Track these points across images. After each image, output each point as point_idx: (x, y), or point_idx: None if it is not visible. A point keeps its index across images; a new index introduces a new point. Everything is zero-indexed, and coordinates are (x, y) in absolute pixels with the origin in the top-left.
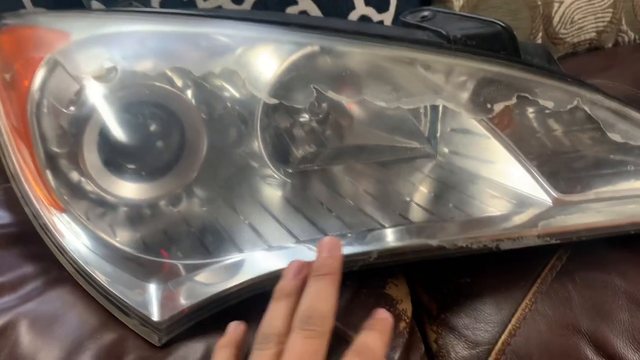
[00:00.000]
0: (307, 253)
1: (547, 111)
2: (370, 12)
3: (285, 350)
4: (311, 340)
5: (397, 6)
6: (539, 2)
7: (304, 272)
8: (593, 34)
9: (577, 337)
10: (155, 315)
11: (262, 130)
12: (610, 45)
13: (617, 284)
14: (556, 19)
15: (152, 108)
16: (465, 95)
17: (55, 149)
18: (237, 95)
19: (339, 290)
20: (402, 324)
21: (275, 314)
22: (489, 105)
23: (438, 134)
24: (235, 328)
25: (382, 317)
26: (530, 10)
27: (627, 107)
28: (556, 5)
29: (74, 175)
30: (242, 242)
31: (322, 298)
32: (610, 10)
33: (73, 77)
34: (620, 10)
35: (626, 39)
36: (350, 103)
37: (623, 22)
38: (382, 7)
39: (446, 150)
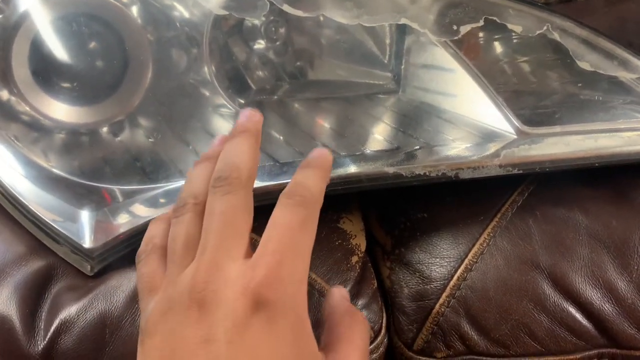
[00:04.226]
0: None
1: (514, 38)
2: None
3: (205, 213)
4: (230, 195)
5: None
6: None
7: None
8: None
9: (535, 272)
10: (87, 242)
11: (212, 53)
12: None
13: (578, 220)
14: None
15: (91, 21)
16: (431, 17)
17: None
18: (187, 14)
19: (257, 145)
20: (355, 258)
21: (193, 178)
22: (454, 27)
23: (402, 68)
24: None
25: (318, 153)
26: None
27: (599, 35)
28: None
29: (3, 94)
30: (186, 167)
31: (236, 152)
32: None
33: None
34: None
35: None
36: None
37: None
38: None
39: (411, 85)
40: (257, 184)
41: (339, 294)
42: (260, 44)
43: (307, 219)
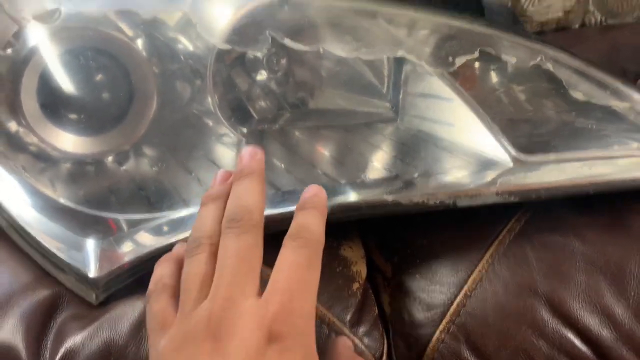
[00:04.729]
0: None
1: (509, 69)
2: None
3: (219, 252)
4: (243, 235)
5: None
6: None
7: (231, 179)
8: (560, 13)
9: (534, 299)
10: (92, 272)
11: (215, 85)
12: (577, 25)
13: (574, 246)
14: None
15: (98, 55)
16: (427, 49)
17: None
18: (191, 47)
19: (264, 185)
20: (356, 285)
21: (203, 218)
22: (450, 59)
23: (400, 97)
24: (181, 245)
25: (313, 192)
26: None
27: (591, 66)
28: None
29: (12, 125)
30: (190, 197)
31: (247, 194)
32: None
33: (12, 18)
34: None
35: (593, 20)
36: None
37: (590, 3)
38: None
39: (408, 113)
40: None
41: (343, 343)
42: (262, 75)
43: (311, 258)
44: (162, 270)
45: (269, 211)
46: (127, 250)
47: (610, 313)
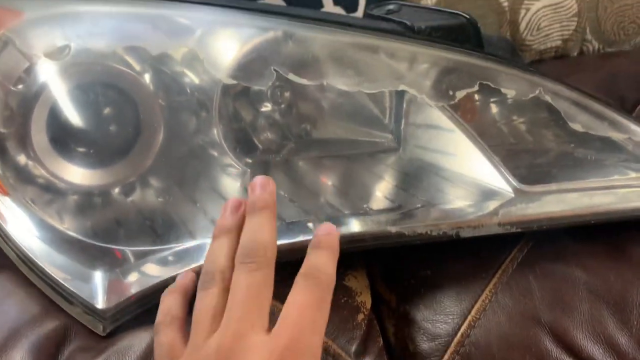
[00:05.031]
0: None
1: (509, 100)
2: (339, 11)
3: (232, 287)
4: (256, 272)
5: (366, 6)
6: (506, 8)
7: (242, 209)
8: (559, 42)
9: (537, 328)
10: (100, 303)
11: (221, 117)
12: (575, 54)
13: (577, 276)
14: (523, 25)
15: (106, 90)
16: (427, 83)
17: (2, 130)
18: (197, 81)
19: (275, 219)
20: (361, 316)
21: (216, 252)
22: (451, 92)
23: (402, 128)
24: (184, 275)
25: (326, 232)
26: (497, 15)
27: (588, 98)
28: (523, 11)
29: (21, 158)
30: (196, 228)
31: (261, 230)
32: (575, 19)
33: (23, 55)
34: (585, 20)
35: (590, 48)
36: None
37: (587, 32)
38: (350, 7)
39: (410, 143)
40: None
41: None
42: (266, 107)
43: (322, 298)
44: (169, 302)
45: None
46: (134, 282)
47: (613, 343)
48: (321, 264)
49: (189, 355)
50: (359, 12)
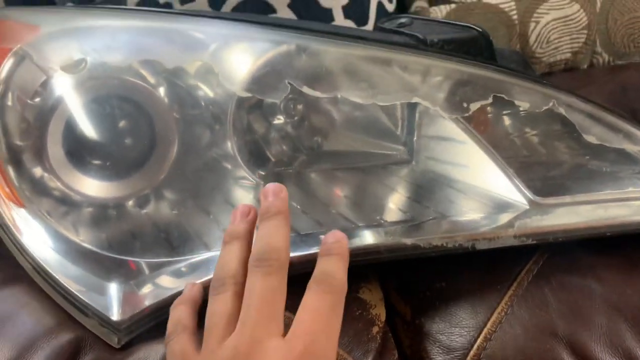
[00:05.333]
0: None
1: (522, 113)
2: (350, 25)
3: (246, 291)
4: (270, 276)
5: (376, 19)
6: (516, 21)
7: (252, 215)
8: (568, 55)
9: (554, 341)
10: (115, 315)
11: (235, 130)
12: (585, 66)
13: (593, 288)
14: (532, 38)
15: (122, 103)
16: (441, 95)
17: (19, 142)
18: (211, 94)
19: (289, 225)
20: (375, 329)
21: (226, 257)
22: (465, 105)
23: (414, 139)
24: (191, 287)
25: (335, 239)
26: (507, 28)
27: (602, 110)
28: (533, 24)
29: (37, 171)
30: (210, 240)
31: (276, 234)
32: (585, 31)
33: (40, 68)
34: (595, 32)
35: (600, 60)
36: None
37: (597, 44)
38: (361, 20)
39: (423, 156)
40: None
41: None
42: (279, 120)
43: (335, 304)
44: (179, 313)
45: None
46: (148, 293)
47: (632, 356)
48: (333, 270)
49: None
50: (369, 26)
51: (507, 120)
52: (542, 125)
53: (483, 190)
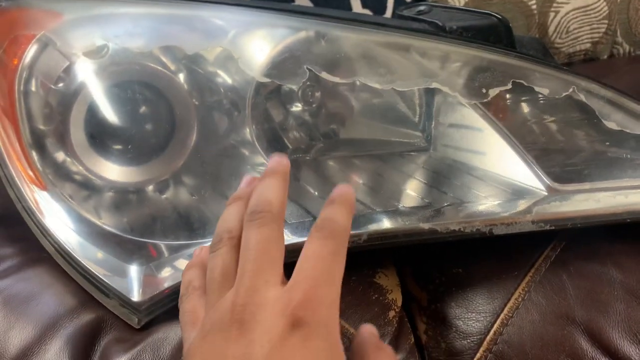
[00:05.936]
0: None
1: (541, 99)
2: (367, 13)
3: (242, 245)
4: (264, 227)
5: (394, 8)
6: (535, 11)
7: (255, 183)
8: (588, 45)
9: (572, 327)
10: (135, 296)
11: (253, 117)
12: (605, 57)
13: (612, 275)
14: (552, 28)
15: (142, 89)
16: (460, 81)
17: (42, 127)
18: (230, 81)
19: (286, 185)
20: (392, 313)
21: (226, 216)
22: (484, 90)
23: (432, 127)
24: (200, 250)
25: (342, 190)
26: (526, 18)
27: (623, 96)
28: (552, 14)
29: (60, 155)
30: None
31: (268, 190)
32: (606, 21)
33: (63, 54)
34: (616, 22)
35: (621, 51)
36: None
37: (618, 34)
38: (379, 9)
39: (441, 143)
40: (297, 239)
41: (368, 330)
42: (297, 107)
43: (337, 249)
44: (189, 276)
45: (299, 239)
46: (167, 276)
47: None
48: (334, 215)
49: (206, 316)
50: (387, 14)
51: (525, 107)
52: (561, 112)
53: (501, 177)
